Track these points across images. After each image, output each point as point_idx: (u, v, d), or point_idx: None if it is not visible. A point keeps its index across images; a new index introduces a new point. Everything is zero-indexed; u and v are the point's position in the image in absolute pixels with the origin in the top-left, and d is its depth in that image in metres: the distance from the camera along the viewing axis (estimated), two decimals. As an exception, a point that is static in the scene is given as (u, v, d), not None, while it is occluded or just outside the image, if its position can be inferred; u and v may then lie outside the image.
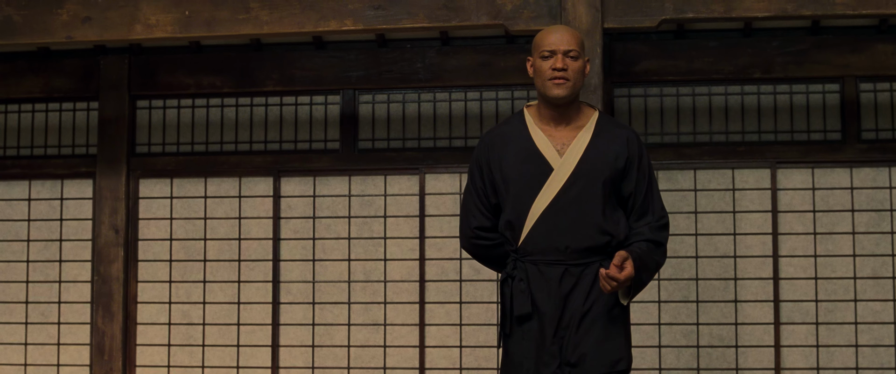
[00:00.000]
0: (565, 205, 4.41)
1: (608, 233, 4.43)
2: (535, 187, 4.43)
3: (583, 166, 4.44)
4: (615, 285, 4.23)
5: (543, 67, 4.49)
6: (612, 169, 4.46)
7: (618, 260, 4.23)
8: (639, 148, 4.56)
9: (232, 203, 8.39)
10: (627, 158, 4.51)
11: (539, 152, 4.48)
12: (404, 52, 8.19)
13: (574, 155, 4.46)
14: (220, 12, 6.75)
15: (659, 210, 4.55)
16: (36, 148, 8.70)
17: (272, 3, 6.71)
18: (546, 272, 4.43)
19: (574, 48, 4.49)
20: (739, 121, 7.98)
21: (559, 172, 4.43)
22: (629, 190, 4.52)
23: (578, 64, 4.50)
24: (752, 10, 6.36)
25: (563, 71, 4.45)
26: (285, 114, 8.43)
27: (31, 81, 8.55)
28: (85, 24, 6.88)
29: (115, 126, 8.42)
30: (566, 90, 4.46)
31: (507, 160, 4.52)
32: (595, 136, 4.51)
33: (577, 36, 4.55)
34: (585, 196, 4.41)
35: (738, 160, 7.89)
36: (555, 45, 4.49)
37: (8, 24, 6.97)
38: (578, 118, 4.57)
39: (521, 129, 4.57)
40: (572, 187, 4.42)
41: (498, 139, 4.60)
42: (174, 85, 8.40)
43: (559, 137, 4.52)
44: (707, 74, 7.88)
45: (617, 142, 4.52)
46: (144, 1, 6.84)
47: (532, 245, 4.44)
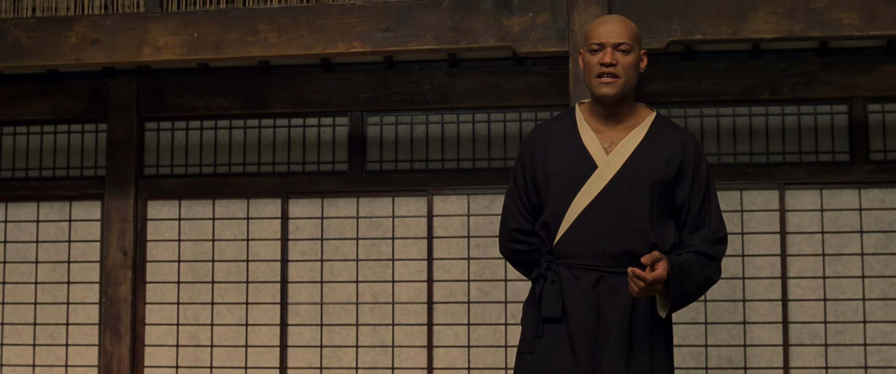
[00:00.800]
0: (607, 206, 4.04)
1: (652, 240, 4.03)
2: (577, 184, 4.07)
3: (630, 166, 4.06)
4: (643, 286, 3.82)
5: (592, 62, 4.13)
6: (662, 173, 4.07)
7: (647, 259, 3.83)
8: (697, 154, 4.16)
9: (240, 225, 8.39)
10: (681, 164, 4.11)
11: (585, 149, 4.13)
12: (412, 73, 8.20)
13: (621, 154, 4.09)
14: (229, 34, 6.77)
15: (716, 223, 4.13)
16: (44, 170, 8.71)
17: (280, 26, 6.72)
18: (580, 277, 4.07)
19: (625, 41, 4.10)
20: (747, 142, 7.98)
21: (603, 170, 4.07)
22: (682, 199, 4.12)
23: (631, 58, 4.12)
24: (760, 32, 6.36)
25: (611, 66, 4.08)
26: (293, 136, 8.44)
27: (39, 103, 8.57)
28: (94, 47, 6.90)
29: (124, 148, 8.43)
30: (616, 89, 4.09)
31: (551, 157, 4.17)
32: (648, 136, 4.14)
33: (631, 27, 4.15)
34: (630, 198, 4.04)
35: (746, 181, 7.88)
36: (604, 37, 4.10)
37: (17, 46, 6.99)
38: (632, 118, 4.20)
39: (570, 125, 4.23)
40: (616, 188, 4.05)
41: (544, 135, 4.26)
42: (182, 107, 8.41)
43: (608, 136, 4.16)
44: (715, 95, 7.88)
45: (671, 145, 4.13)
46: (153, 23, 6.86)
47: (567, 247, 4.09)
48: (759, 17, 6.37)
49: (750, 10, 6.38)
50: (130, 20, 6.92)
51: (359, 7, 6.67)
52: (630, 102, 4.20)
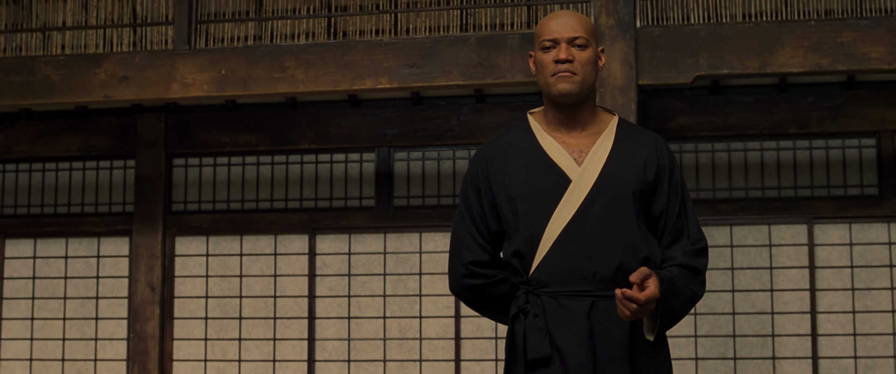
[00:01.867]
0: (589, 223, 3.53)
1: (643, 254, 3.55)
2: (551, 202, 3.54)
3: (607, 176, 3.56)
4: (635, 309, 3.35)
5: (545, 61, 3.64)
6: (641, 180, 3.59)
7: (637, 276, 3.34)
8: (669, 158, 3.70)
9: (267, 261, 8.40)
10: (657, 168, 3.64)
11: (552, 162, 3.59)
12: (439, 109, 8.21)
13: (595, 163, 3.58)
14: (256, 71, 6.80)
15: (695, 233, 3.67)
16: (73, 206, 8.75)
17: (308, 62, 6.75)
18: (569, 307, 3.54)
19: (581, 35, 3.63)
20: (775, 176, 7.95)
21: (579, 183, 3.55)
22: (659, 208, 3.64)
23: (588, 54, 3.63)
24: (787, 66, 6.36)
25: (567, 63, 3.59)
26: (321, 171, 8.45)
27: (68, 140, 8.62)
28: (122, 84, 6.94)
29: (152, 184, 8.46)
30: (573, 85, 3.58)
31: (512, 175, 3.62)
32: (618, 142, 3.65)
33: (585, 21, 3.67)
34: (613, 210, 3.54)
35: (774, 216, 7.85)
36: (557, 32, 3.63)
37: (46, 83, 7.04)
38: (595, 123, 3.69)
39: (527, 137, 3.69)
40: (596, 201, 3.53)
41: (498, 152, 3.70)
42: (210, 143, 8.44)
43: (574, 144, 3.64)
44: (742, 129, 7.86)
45: (644, 148, 3.66)
46: (181, 60, 6.89)
47: (548, 274, 3.55)
48: (786, 52, 6.36)
49: (777, 44, 6.37)
50: (159, 57, 6.96)
51: (386, 43, 6.70)
52: (591, 105, 3.71)
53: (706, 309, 7.81)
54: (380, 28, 7.47)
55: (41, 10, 7.79)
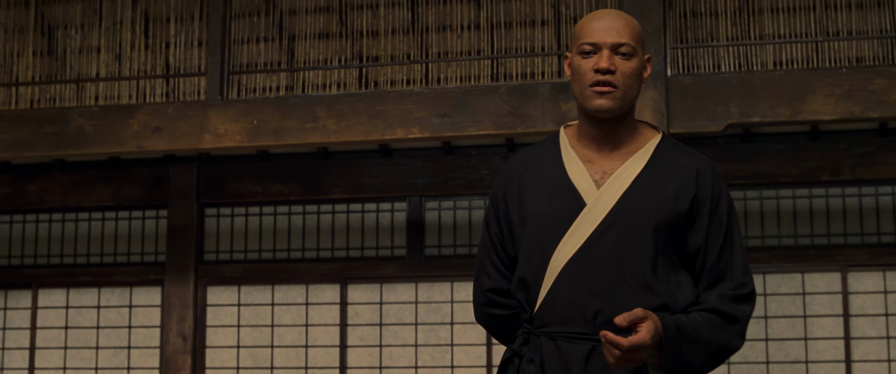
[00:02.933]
0: (598, 255, 3.07)
1: (659, 298, 3.06)
2: (561, 229, 3.11)
3: (626, 203, 3.09)
4: (618, 355, 2.90)
5: (583, 68, 3.14)
6: (669, 210, 3.08)
7: (624, 319, 2.90)
8: (715, 186, 3.13)
9: (299, 310, 8.40)
10: (695, 198, 3.10)
11: (569, 183, 3.15)
12: (470, 158, 8.22)
13: (615, 187, 3.11)
14: (288, 121, 6.83)
15: (740, 276, 3.12)
16: (105, 256, 8.78)
17: (339, 112, 6.77)
18: (566, 351, 3.09)
19: (626, 41, 3.13)
20: (808, 224, 7.92)
21: (592, 209, 3.09)
22: (697, 243, 3.12)
23: (633, 65, 3.14)
24: (819, 114, 6.34)
25: (609, 74, 3.11)
26: (352, 221, 8.46)
27: (101, 190, 8.66)
28: (155, 134, 6.98)
29: (184, 234, 8.49)
30: (612, 101, 3.11)
31: (529, 194, 3.21)
32: (651, 164, 3.15)
33: (633, 24, 3.19)
34: (627, 244, 3.06)
35: (807, 264, 7.81)
36: (599, 35, 3.14)
37: (80, 134, 7.09)
38: (632, 141, 3.21)
39: (553, 154, 3.26)
40: (609, 231, 3.07)
41: (519, 167, 3.29)
42: (242, 193, 8.47)
43: (600, 165, 3.18)
44: (774, 177, 7.83)
45: (681, 174, 3.13)
46: (213, 111, 6.93)
47: (550, 312, 3.11)
48: (817, 99, 6.35)
49: (808, 92, 6.36)
50: (191, 108, 7.00)
51: (417, 93, 6.72)
52: (631, 120, 3.22)
53: (739, 358, 7.76)
54: (411, 78, 7.49)
55: (75, 62, 7.86)
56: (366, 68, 7.65)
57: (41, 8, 7.97)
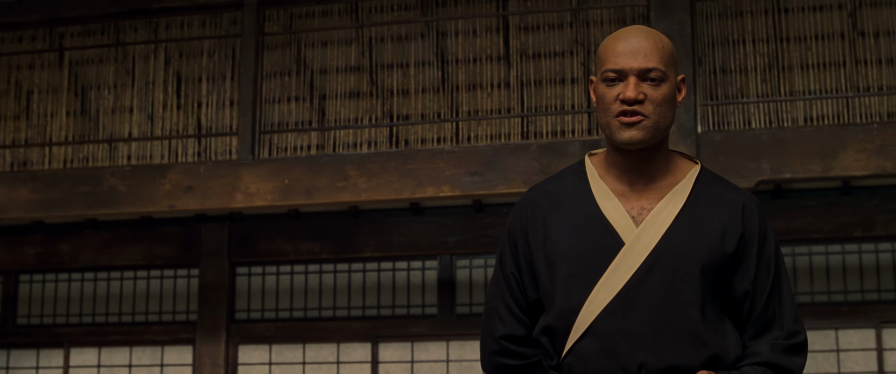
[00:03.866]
0: (641, 301, 2.76)
1: (710, 348, 2.76)
2: (597, 270, 2.79)
3: (670, 243, 2.78)
4: None
5: (607, 97, 2.82)
6: (716, 251, 2.78)
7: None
8: (761, 224, 2.86)
9: (330, 369, 8.39)
10: (742, 238, 2.81)
11: (604, 219, 2.84)
12: (501, 216, 8.22)
13: (657, 225, 2.81)
14: (319, 180, 6.85)
15: (791, 323, 2.83)
16: (137, 315, 8.80)
17: (370, 171, 6.79)
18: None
19: (656, 66, 2.81)
20: (841, 280, 7.87)
21: (633, 248, 2.79)
22: (743, 288, 2.82)
23: (664, 91, 2.81)
24: (850, 169, 6.32)
25: (637, 103, 2.80)
26: (383, 279, 8.46)
27: (133, 249, 8.69)
28: (187, 194, 7.01)
29: (215, 293, 8.50)
30: (643, 133, 2.79)
31: (555, 230, 2.87)
32: (692, 200, 2.85)
33: (662, 44, 2.86)
34: (673, 288, 2.75)
35: (841, 320, 7.75)
36: (624, 60, 2.82)
37: (112, 194, 7.13)
38: (667, 173, 2.90)
39: (580, 186, 2.94)
40: (652, 274, 2.76)
41: (543, 199, 2.96)
42: (273, 252, 8.49)
43: (636, 200, 2.87)
44: (806, 233, 7.80)
45: (726, 211, 2.84)
46: (245, 170, 6.96)
47: (582, 362, 2.79)
48: (849, 155, 6.33)
49: (839, 148, 6.34)
50: (223, 167, 7.04)
51: (447, 152, 6.73)
52: (664, 151, 2.90)
53: (774, 416, 7.70)
54: (441, 136, 7.52)
55: (108, 122, 7.92)
56: (396, 127, 7.68)
57: (75, 69, 8.04)
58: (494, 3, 7.60)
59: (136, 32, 7.87)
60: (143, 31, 7.85)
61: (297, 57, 7.75)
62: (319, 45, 7.79)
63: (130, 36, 7.86)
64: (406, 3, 7.64)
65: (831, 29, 7.27)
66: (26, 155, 7.93)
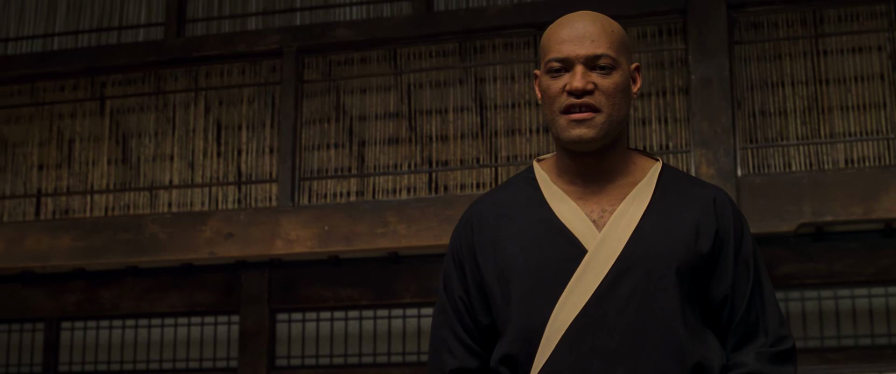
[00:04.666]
0: (612, 311, 2.43)
1: (693, 359, 2.44)
2: (558, 284, 2.45)
3: (638, 244, 2.46)
4: None
5: (552, 89, 2.51)
6: (690, 251, 2.47)
7: None
8: (735, 220, 2.56)
9: (370, 415, 8.38)
10: (717, 234, 2.52)
11: (562, 226, 2.50)
12: (540, 260, 8.19)
13: (622, 226, 2.49)
14: (359, 227, 6.86)
15: (776, 328, 2.52)
16: (178, 361, 8.82)
17: (409, 217, 6.80)
18: None
19: (604, 52, 2.48)
20: (885, 323, 7.80)
21: (597, 254, 2.45)
22: (722, 292, 2.52)
23: (616, 79, 2.50)
24: (893, 212, 6.28)
25: (586, 95, 2.47)
26: (423, 325, 8.45)
27: (173, 296, 8.72)
28: (227, 241, 7.04)
29: (256, 340, 8.51)
30: (594, 129, 2.48)
31: (506, 243, 2.53)
32: (658, 197, 2.55)
33: (611, 28, 2.54)
34: (648, 294, 2.43)
35: (885, 363, 7.68)
36: (569, 48, 2.49)
37: (153, 241, 7.17)
38: (628, 172, 2.59)
39: (530, 192, 2.60)
40: (622, 281, 2.44)
41: (489, 212, 2.61)
42: (313, 298, 8.49)
43: (596, 202, 2.53)
44: (849, 276, 7.74)
45: (697, 207, 2.54)
46: (285, 217, 6.99)
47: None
48: (890, 197, 6.30)
49: (881, 189, 6.31)
50: (263, 214, 7.07)
51: (486, 197, 6.74)
52: (621, 147, 2.59)
53: (818, 461, 7.64)
54: (480, 182, 7.52)
55: (149, 170, 7.98)
56: (435, 173, 7.69)
57: (116, 117, 8.11)
58: (532, 48, 7.63)
59: (177, 81, 7.94)
60: (184, 80, 7.92)
61: (336, 104, 7.79)
62: (358, 92, 7.83)
63: (171, 84, 7.93)
64: (444, 50, 7.67)
65: (871, 71, 7.25)
66: (68, 203, 7.99)
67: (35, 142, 8.13)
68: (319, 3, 7.76)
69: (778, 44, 7.31)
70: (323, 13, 7.75)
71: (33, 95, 8.18)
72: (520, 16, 7.23)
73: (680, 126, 7.15)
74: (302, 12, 7.77)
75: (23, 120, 8.19)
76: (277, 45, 7.52)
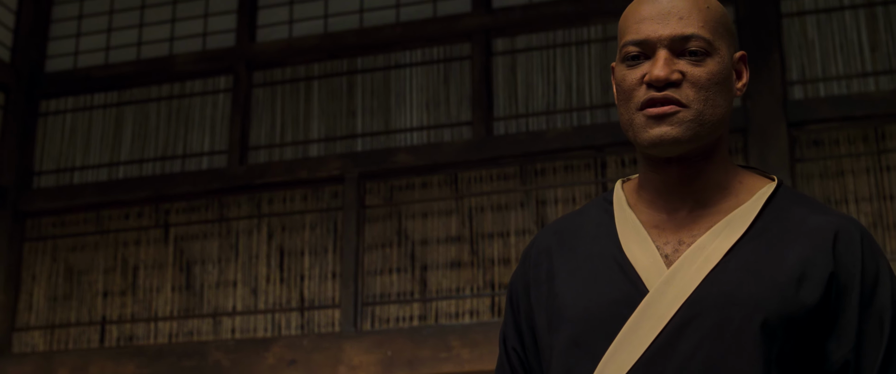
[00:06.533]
0: (671, 372, 1.88)
1: None
2: (607, 332, 1.94)
3: (713, 288, 1.90)
4: None
5: (628, 81, 1.98)
6: (787, 300, 1.87)
7: None
8: (867, 259, 1.93)
9: None
10: (833, 280, 1.90)
11: (625, 260, 1.99)
12: None
13: (698, 264, 1.92)
14: (422, 351, 6.84)
15: None
16: None
17: (473, 342, 6.78)
18: None
19: (696, 32, 1.94)
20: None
21: (658, 298, 1.90)
22: (841, 355, 1.89)
23: (712, 68, 1.96)
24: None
25: (670, 86, 1.94)
26: (487, 449, 8.37)
27: (237, 423, 8.70)
28: (291, 367, 7.04)
29: None
30: (679, 128, 1.93)
31: (562, 280, 2.03)
32: (757, 229, 1.96)
33: (708, 4, 1.99)
34: (717, 355, 1.86)
35: None
36: (650, 26, 1.96)
37: (217, 368, 7.18)
38: (728, 194, 2.01)
39: (602, 218, 2.09)
40: (685, 335, 1.88)
41: (551, 241, 2.12)
42: (376, 423, 8.44)
43: (675, 232, 1.99)
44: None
45: (809, 241, 1.93)
46: (348, 342, 6.99)
47: None
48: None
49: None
50: (326, 340, 7.07)
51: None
52: (721, 161, 2.02)
53: None
54: (543, 304, 7.49)
55: (212, 296, 8.01)
56: (498, 297, 7.66)
57: (180, 244, 8.18)
58: (593, 170, 7.63)
59: (240, 207, 8.00)
60: (247, 206, 7.99)
61: (397, 228, 7.81)
62: (420, 217, 7.85)
63: (234, 211, 8.00)
64: (505, 173, 7.69)
65: (936, 187, 7.19)
66: (132, 330, 8.03)
67: (100, 269, 8.20)
68: (380, 130, 7.83)
69: (840, 161, 7.27)
70: (384, 139, 7.81)
71: (98, 223, 8.27)
72: (580, 138, 7.26)
73: (743, 246, 7.09)
74: (363, 138, 7.84)
75: (88, 248, 8.27)
76: (339, 172, 7.59)
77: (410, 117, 7.86)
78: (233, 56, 8.17)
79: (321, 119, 8.00)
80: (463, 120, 7.74)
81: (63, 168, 8.47)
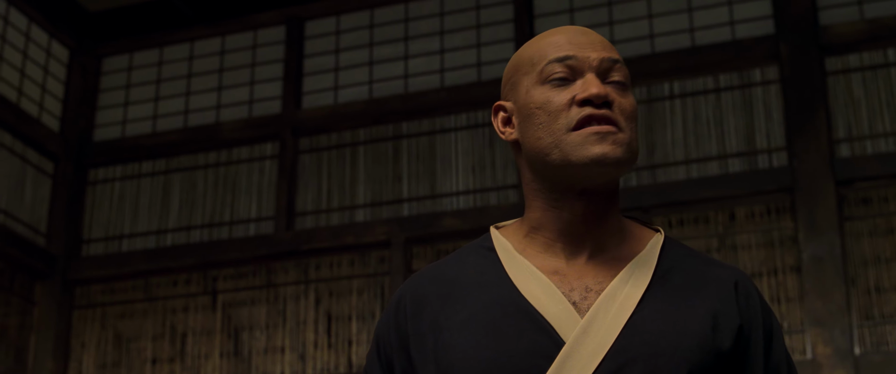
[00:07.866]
0: None
1: None
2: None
3: (635, 338, 1.80)
4: None
5: (554, 103, 1.87)
6: (706, 349, 1.82)
7: None
8: (764, 313, 1.96)
9: None
10: (740, 332, 1.88)
11: (530, 308, 1.84)
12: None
13: (614, 312, 1.83)
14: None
15: None
16: None
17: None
18: None
19: (619, 59, 1.92)
20: None
21: (578, 349, 1.78)
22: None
23: (632, 100, 1.90)
24: None
25: (606, 105, 1.87)
26: None
27: None
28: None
29: None
30: (621, 149, 1.85)
31: (453, 332, 1.84)
32: (662, 275, 1.90)
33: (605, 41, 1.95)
34: None
35: None
36: (578, 48, 1.90)
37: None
38: (622, 240, 1.94)
39: (485, 266, 1.93)
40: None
41: (432, 289, 1.93)
42: None
43: (578, 278, 1.88)
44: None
45: (714, 292, 1.90)
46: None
47: None
48: None
49: None
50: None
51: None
52: (617, 204, 1.96)
53: None
54: None
55: (260, 362, 8.02)
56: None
57: (228, 311, 8.20)
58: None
59: (287, 273, 8.03)
60: (294, 272, 8.01)
61: (444, 292, 7.81)
62: (466, 280, 7.85)
63: (281, 277, 8.02)
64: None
65: None
66: (181, 397, 8.05)
67: (148, 336, 8.23)
68: (426, 194, 7.85)
69: (890, 218, 7.23)
70: (430, 203, 7.82)
71: (147, 291, 8.32)
72: (626, 200, 7.24)
73: (793, 306, 7.04)
74: (409, 203, 7.86)
75: (137, 315, 8.31)
76: (386, 236, 7.60)
77: (456, 181, 7.88)
78: (279, 123, 8.24)
79: (367, 184, 8.04)
80: (509, 183, 7.75)
81: (111, 236, 8.53)
